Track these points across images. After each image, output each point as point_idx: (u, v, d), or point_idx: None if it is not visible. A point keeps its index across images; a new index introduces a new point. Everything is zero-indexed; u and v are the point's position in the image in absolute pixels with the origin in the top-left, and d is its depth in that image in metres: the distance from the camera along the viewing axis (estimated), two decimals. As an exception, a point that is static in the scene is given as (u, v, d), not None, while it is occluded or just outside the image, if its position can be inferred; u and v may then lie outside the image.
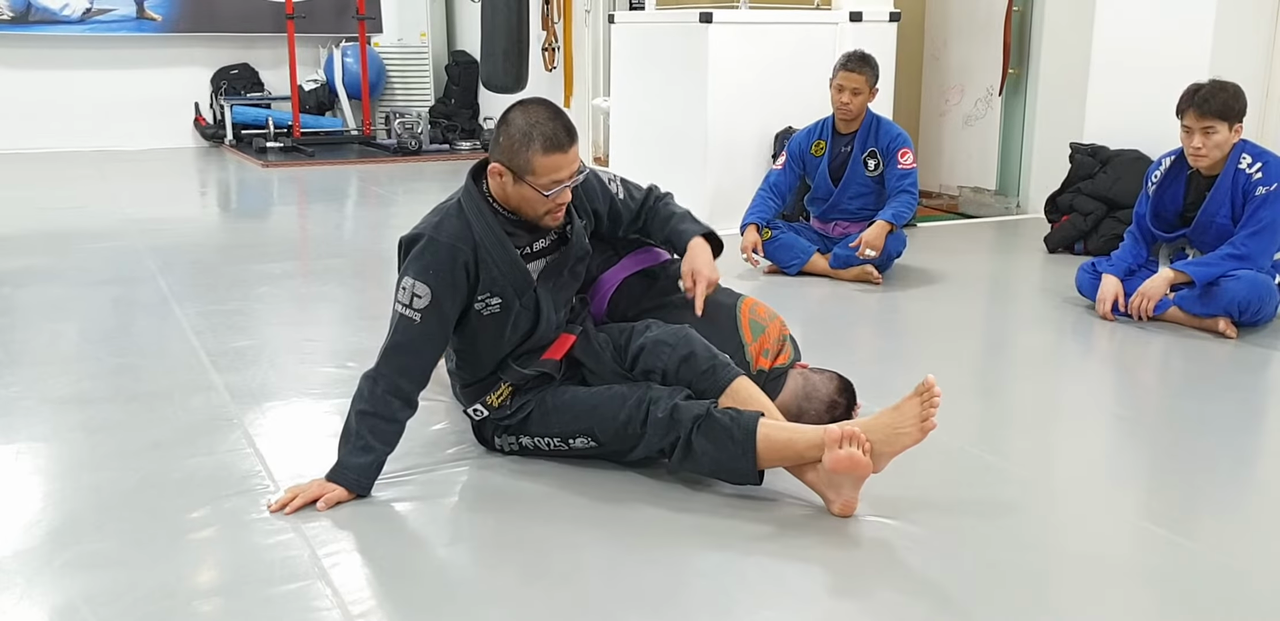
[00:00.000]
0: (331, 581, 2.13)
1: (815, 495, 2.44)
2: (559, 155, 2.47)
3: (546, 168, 2.47)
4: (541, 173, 2.47)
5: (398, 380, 2.52)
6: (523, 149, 2.46)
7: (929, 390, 2.31)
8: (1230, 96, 3.86)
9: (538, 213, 2.56)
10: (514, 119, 2.49)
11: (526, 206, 2.55)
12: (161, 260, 5.12)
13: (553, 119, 2.48)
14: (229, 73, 10.07)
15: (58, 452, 2.83)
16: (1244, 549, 2.31)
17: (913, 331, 4.20)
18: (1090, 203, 5.35)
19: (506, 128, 2.49)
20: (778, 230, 4.86)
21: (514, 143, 2.47)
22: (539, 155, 2.46)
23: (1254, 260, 3.88)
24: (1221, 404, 3.24)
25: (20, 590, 2.10)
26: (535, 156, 2.46)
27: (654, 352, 2.62)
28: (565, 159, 2.48)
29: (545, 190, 2.49)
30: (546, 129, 2.45)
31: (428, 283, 2.50)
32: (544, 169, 2.47)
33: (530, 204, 2.54)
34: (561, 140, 2.46)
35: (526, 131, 2.46)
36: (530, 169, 2.47)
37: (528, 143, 2.45)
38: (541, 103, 2.53)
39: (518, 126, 2.47)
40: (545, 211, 2.55)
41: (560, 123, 2.48)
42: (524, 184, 2.50)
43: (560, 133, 2.47)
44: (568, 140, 2.48)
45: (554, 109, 2.52)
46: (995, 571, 2.20)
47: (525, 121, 2.47)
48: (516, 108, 2.52)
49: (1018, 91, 6.59)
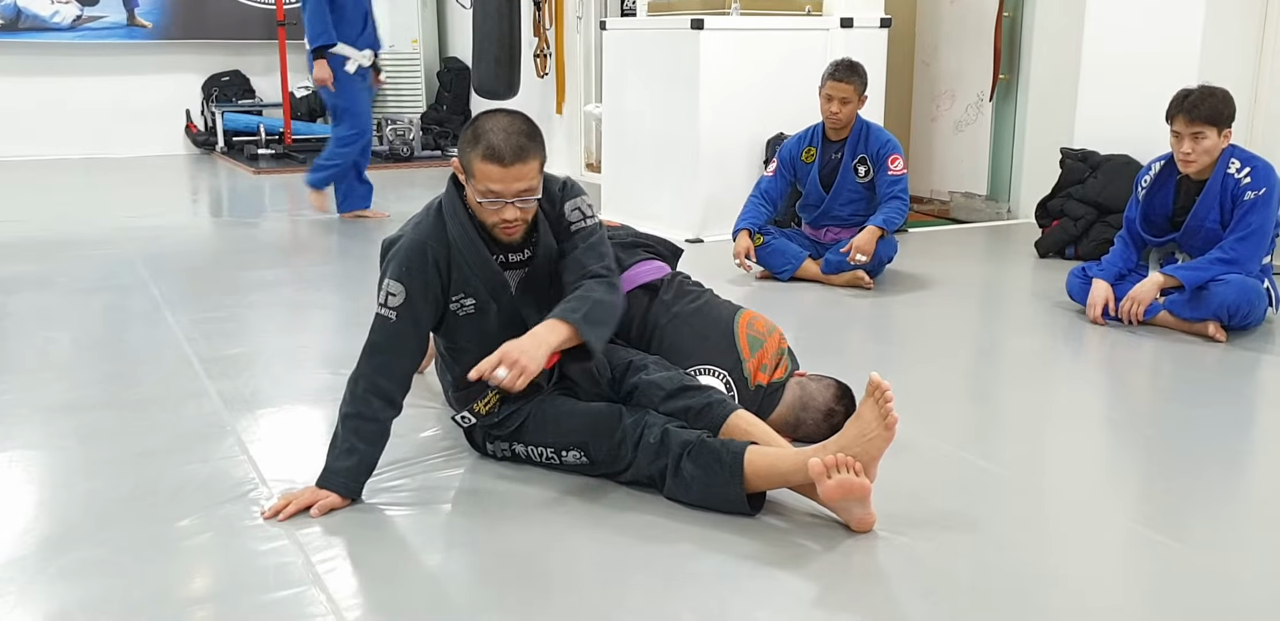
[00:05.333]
0: (325, 587, 2.14)
1: (809, 502, 2.45)
2: (495, 167, 2.44)
3: (483, 175, 2.46)
4: (479, 178, 2.47)
5: (377, 379, 2.53)
6: (469, 148, 2.48)
7: (878, 388, 2.31)
8: (1219, 102, 3.88)
9: (490, 220, 2.55)
10: (480, 121, 2.50)
11: (478, 211, 2.55)
12: (153, 267, 5.12)
13: (510, 133, 2.44)
14: (220, 79, 10.07)
15: (50, 460, 2.83)
16: (1235, 551, 2.32)
17: (904, 336, 4.22)
18: (1081, 207, 5.37)
19: (469, 127, 2.51)
20: (769, 236, 4.88)
21: (465, 142, 2.49)
22: (478, 160, 2.46)
23: (1243, 264, 3.90)
24: (1211, 407, 3.25)
25: (14, 598, 2.10)
26: (475, 160, 2.46)
27: (646, 393, 2.61)
28: (502, 173, 2.44)
29: (480, 197, 2.49)
30: (496, 138, 2.44)
31: (402, 280, 2.53)
32: (481, 175, 2.46)
33: (478, 209, 2.54)
34: (504, 154, 2.42)
35: (480, 135, 2.46)
36: (471, 171, 2.49)
37: (475, 144, 2.46)
38: (513, 115, 2.51)
39: (477, 129, 2.48)
40: (491, 223, 2.54)
41: (515, 139, 2.44)
42: (470, 186, 2.52)
43: (507, 147, 2.42)
44: (511, 156, 2.43)
45: (520, 124, 2.48)
46: (988, 575, 2.20)
47: (486, 125, 2.47)
48: (489, 112, 2.53)
49: (1008, 97, 6.62)
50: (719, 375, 2.80)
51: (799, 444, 2.55)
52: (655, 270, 3.04)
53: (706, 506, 2.45)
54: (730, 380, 2.80)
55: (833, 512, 2.40)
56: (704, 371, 2.80)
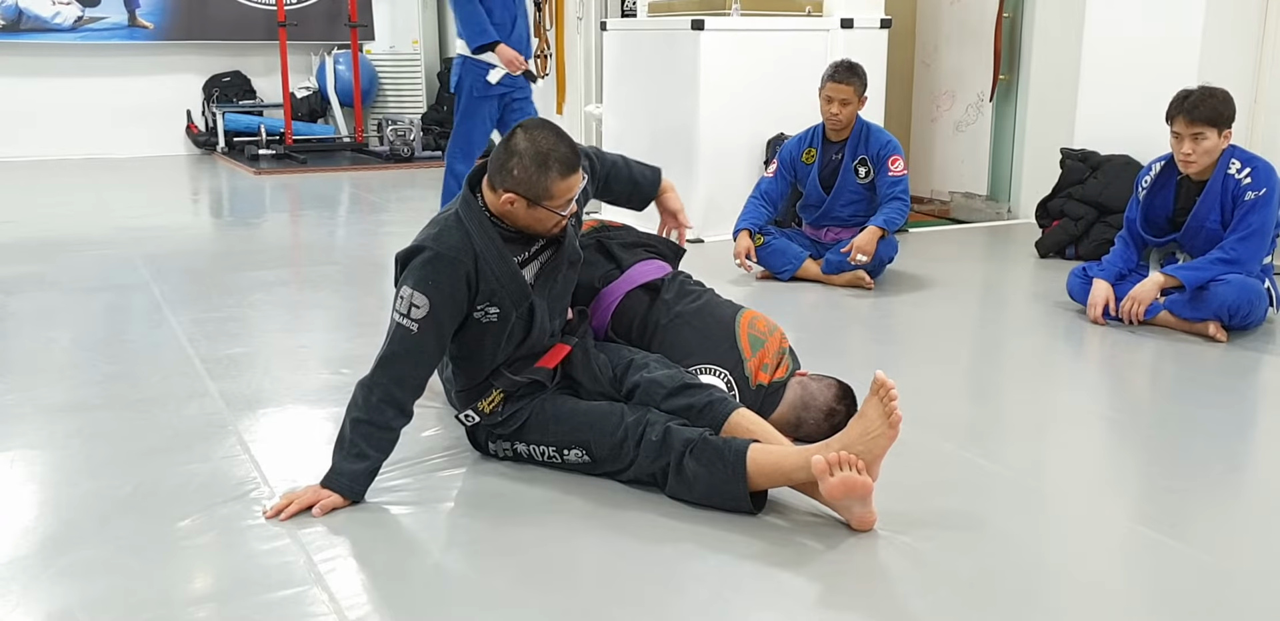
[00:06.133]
0: (328, 586, 2.14)
1: (810, 501, 2.45)
2: (575, 176, 2.51)
3: (564, 190, 2.51)
4: (559, 195, 2.51)
5: (392, 389, 2.52)
6: (540, 177, 2.47)
7: (883, 386, 2.31)
8: (1219, 103, 3.88)
9: (547, 228, 2.58)
10: (521, 147, 2.48)
11: (537, 224, 2.57)
12: (154, 267, 5.12)
13: (559, 140, 2.50)
14: (221, 80, 10.07)
15: (52, 460, 2.83)
16: (1235, 552, 2.32)
17: (905, 336, 4.22)
18: (1081, 208, 5.37)
19: (517, 158, 2.48)
20: (770, 236, 4.88)
21: (529, 172, 2.47)
22: (558, 181, 2.49)
23: (1243, 264, 3.90)
24: (1212, 407, 3.25)
25: (16, 597, 2.10)
26: (554, 183, 2.49)
27: (648, 391, 2.62)
28: (578, 177, 2.52)
29: (562, 210, 2.53)
30: (560, 153, 2.48)
31: (427, 293, 2.50)
32: (562, 191, 2.51)
33: (542, 223, 2.56)
34: (575, 162, 2.50)
35: (541, 159, 2.47)
36: (549, 194, 2.50)
37: (544, 170, 2.47)
38: (544, 125, 2.54)
39: (529, 154, 2.47)
40: (554, 224, 2.58)
41: (566, 143, 2.51)
42: (539, 207, 2.52)
43: (571, 155, 2.50)
44: (577, 159, 2.52)
45: (557, 129, 2.54)
46: (988, 575, 2.21)
47: (535, 148, 2.47)
48: (521, 133, 2.51)
49: (1008, 97, 6.62)
50: (720, 374, 2.81)
51: (800, 443, 2.55)
52: (656, 269, 3.05)
53: (709, 504, 2.45)
54: (731, 379, 2.80)
55: (834, 511, 2.40)
56: (705, 370, 2.81)
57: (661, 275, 3.03)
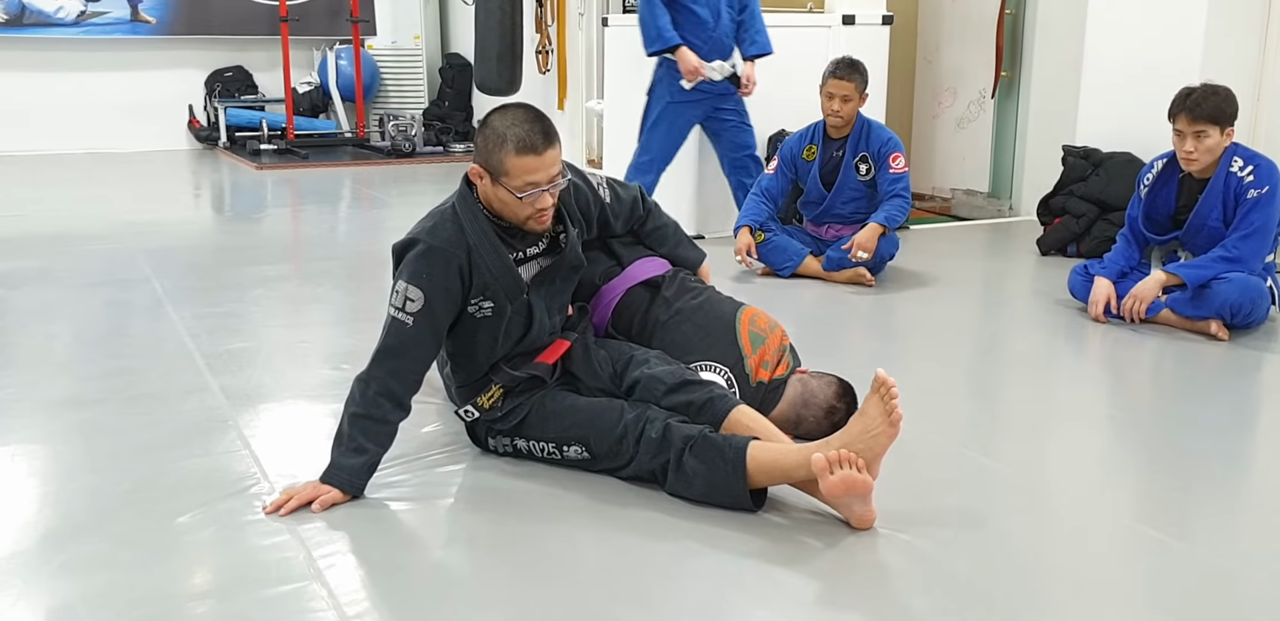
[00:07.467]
0: (327, 582, 2.14)
1: (810, 499, 2.45)
2: (531, 157, 2.47)
3: (519, 169, 2.47)
4: (515, 174, 2.48)
5: (389, 383, 2.52)
6: (497, 150, 2.47)
7: (884, 384, 2.31)
8: (1222, 100, 3.88)
9: (519, 217, 2.56)
10: (492, 121, 2.51)
11: (507, 210, 2.56)
12: (155, 262, 5.12)
13: (529, 121, 2.48)
14: (223, 75, 10.05)
15: (53, 455, 2.83)
16: (1236, 550, 2.32)
17: (905, 333, 4.22)
18: (1083, 205, 5.36)
19: (484, 129, 2.51)
20: (771, 233, 4.88)
21: (489, 144, 2.49)
22: (511, 156, 2.46)
23: (1245, 263, 3.90)
24: (1214, 406, 3.25)
25: (17, 592, 2.11)
26: (508, 157, 2.47)
27: (648, 388, 2.62)
28: (539, 162, 2.48)
29: (519, 192, 2.49)
30: (520, 131, 2.46)
31: (421, 287, 2.51)
32: (517, 170, 2.47)
33: (510, 207, 2.54)
34: (535, 142, 2.47)
35: (501, 133, 2.47)
36: (504, 170, 2.48)
37: (501, 144, 2.47)
38: (521, 107, 2.54)
39: (494, 128, 2.49)
40: (526, 216, 2.56)
41: (537, 126, 2.48)
42: (500, 186, 2.51)
43: (535, 135, 2.47)
44: (542, 143, 2.47)
45: (533, 113, 2.52)
46: (989, 573, 2.21)
47: (501, 124, 2.48)
48: (496, 111, 2.53)
49: (1010, 94, 6.61)
50: (720, 371, 2.80)
51: (800, 441, 2.55)
52: (657, 267, 3.05)
53: (709, 502, 2.45)
54: (732, 376, 2.80)
55: (834, 509, 2.40)
56: (706, 367, 2.81)
57: (662, 272, 3.03)
